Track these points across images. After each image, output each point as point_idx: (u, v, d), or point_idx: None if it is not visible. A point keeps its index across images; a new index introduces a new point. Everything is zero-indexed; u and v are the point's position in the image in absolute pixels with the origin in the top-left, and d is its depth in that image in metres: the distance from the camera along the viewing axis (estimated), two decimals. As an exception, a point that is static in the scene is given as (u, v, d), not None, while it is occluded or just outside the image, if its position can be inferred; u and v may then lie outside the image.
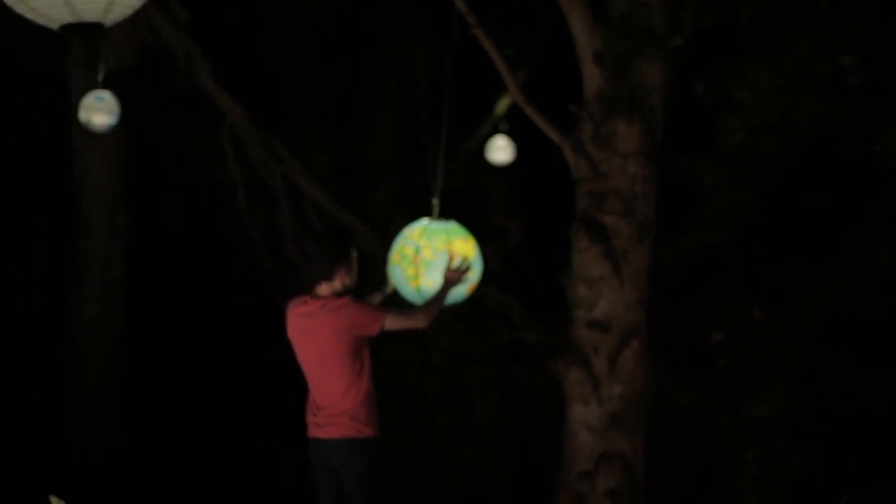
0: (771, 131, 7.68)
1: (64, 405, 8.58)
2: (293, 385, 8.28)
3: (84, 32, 2.45)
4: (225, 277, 9.19)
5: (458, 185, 8.48)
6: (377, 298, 5.47)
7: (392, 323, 5.12)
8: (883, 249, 7.46)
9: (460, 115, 9.46)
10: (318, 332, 5.09)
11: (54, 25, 2.48)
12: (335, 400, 5.11)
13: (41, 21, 2.48)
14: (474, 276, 5.39)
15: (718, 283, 8.10)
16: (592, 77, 5.57)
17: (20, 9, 2.52)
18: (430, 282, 5.32)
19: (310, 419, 5.23)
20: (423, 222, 5.43)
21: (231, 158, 8.26)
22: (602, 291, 5.81)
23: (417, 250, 5.32)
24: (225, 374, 9.03)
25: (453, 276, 5.27)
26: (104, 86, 7.35)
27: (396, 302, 5.49)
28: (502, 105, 9.29)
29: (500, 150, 8.99)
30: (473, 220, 7.45)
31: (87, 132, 7.34)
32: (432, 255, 5.31)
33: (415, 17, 9.48)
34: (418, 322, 5.18)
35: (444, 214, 5.96)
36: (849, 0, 6.73)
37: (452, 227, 5.42)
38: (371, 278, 5.80)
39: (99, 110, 7.00)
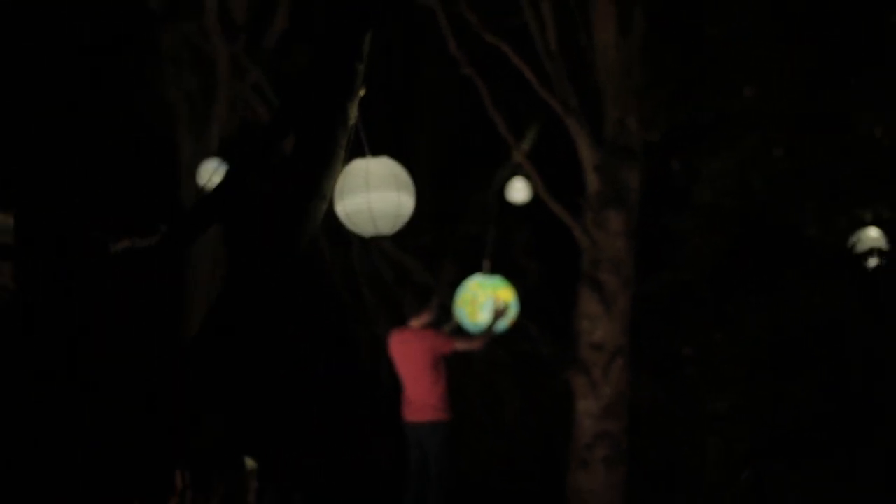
0: (731, 193, 8.59)
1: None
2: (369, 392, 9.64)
3: (376, 238, 3.44)
4: (309, 307, 9.74)
5: (487, 235, 9.26)
6: (447, 329, 7.30)
7: (460, 345, 6.94)
8: (812, 289, 8.48)
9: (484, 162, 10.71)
10: (411, 352, 6.89)
11: (365, 235, 3.41)
12: (422, 396, 6.84)
13: (355, 230, 3.40)
14: (512, 313, 7.15)
15: (690, 310, 8.92)
16: (592, 181, 6.98)
17: (343, 218, 3.35)
18: (483, 318, 7.08)
19: (405, 409, 6.97)
20: (478, 278, 7.21)
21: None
22: (598, 325, 7.03)
23: (474, 297, 7.10)
24: (306, 384, 9.52)
25: (498, 314, 7.04)
26: (217, 154, 8.65)
27: (460, 332, 7.25)
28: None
29: (519, 191, 9.79)
30: (502, 260, 9.03)
31: (195, 188, 8.53)
32: (484, 300, 7.03)
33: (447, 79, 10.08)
34: (476, 345, 7.02)
35: (478, 257, 7.71)
36: (780, 111, 8.07)
37: (497, 280, 7.18)
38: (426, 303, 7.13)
39: (219, 174, 8.29)
